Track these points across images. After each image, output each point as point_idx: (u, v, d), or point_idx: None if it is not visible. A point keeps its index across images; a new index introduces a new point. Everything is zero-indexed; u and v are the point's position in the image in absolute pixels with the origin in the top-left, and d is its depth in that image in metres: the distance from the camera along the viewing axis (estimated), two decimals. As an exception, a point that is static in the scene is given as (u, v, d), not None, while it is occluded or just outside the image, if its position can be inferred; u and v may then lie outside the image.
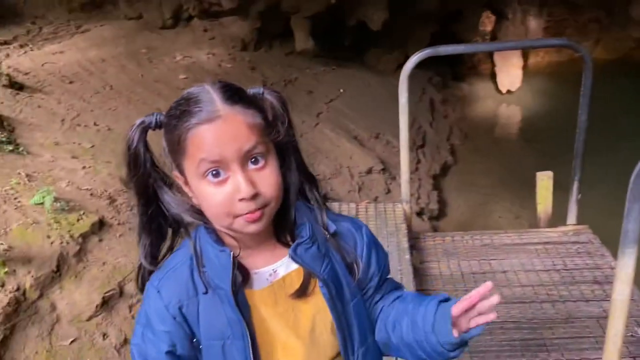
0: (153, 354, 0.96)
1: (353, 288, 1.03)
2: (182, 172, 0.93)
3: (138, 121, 0.94)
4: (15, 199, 2.65)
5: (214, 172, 0.87)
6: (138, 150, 0.93)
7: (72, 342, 2.20)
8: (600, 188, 5.04)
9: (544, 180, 3.81)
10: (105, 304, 2.38)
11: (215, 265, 0.93)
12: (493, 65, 10.05)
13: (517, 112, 9.33)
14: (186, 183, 0.94)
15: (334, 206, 3.78)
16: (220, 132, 0.85)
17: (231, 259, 0.92)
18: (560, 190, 3.84)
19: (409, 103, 3.59)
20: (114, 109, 4.56)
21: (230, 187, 0.87)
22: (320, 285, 0.97)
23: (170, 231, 1.01)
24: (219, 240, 0.95)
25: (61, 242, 2.47)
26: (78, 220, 2.67)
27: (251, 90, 0.96)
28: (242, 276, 0.95)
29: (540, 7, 9.30)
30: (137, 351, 0.98)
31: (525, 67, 10.00)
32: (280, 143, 0.95)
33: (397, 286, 1.16)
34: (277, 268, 0.99)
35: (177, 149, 0.89)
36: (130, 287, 2.52)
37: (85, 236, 2.61)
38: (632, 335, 2.75)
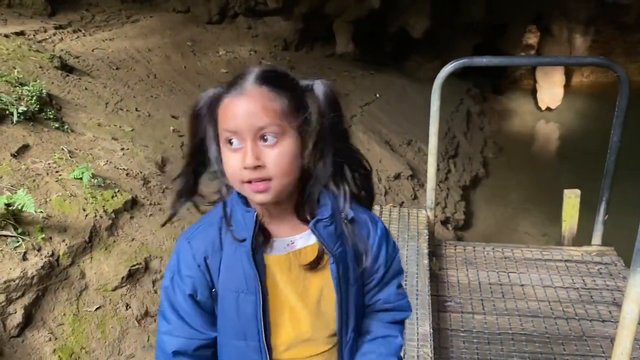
0: (179, 298, 1.09)
1: (357, 274, 1.12)
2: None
3: (206, 90, 1.07)
4: (57, 172, 2.81)
5: (231, 140, 0.99)
6: (199, 112, 1.05)
7: (97, 309, 2.33)
8: (633, 210, 4.94)
9: (571, 198, 3.79)
10: (131, 277, 2.50)
11: (241, 223, 1.05)
12: (534, 81, 9.94)
13: (555, 130, 9.20)
14: None
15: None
16: (240, 107, 0.98)
17: (254, 218, 1.03)
18: (591, 209, 3.80)
19: (444, 112, 3.63)
20: (156, 97, 4.72)
21: (241, 155, 0.98)
22: (331, 262, 1.07)
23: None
24: (247, 203, 1.06)
25: (95, 216, 2.60)
26: (112, 197, 2.81)
27: (304, 82, 1.06)
28: (263, 238, 1.07)
29: (587, 25, 9.13)
30: (165, 293, 1.11)
31: (567, 86, 9.86)
32: (314, 131, 1.02)
33: (399, 308, 1.21)
34: (295, 240, 1.09)
35: (214, 116, 1.03)
36: (155, 264, 2.65)
37: (117, 212, 2.74)
38: (645, 359, 2.72)
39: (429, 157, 3.81)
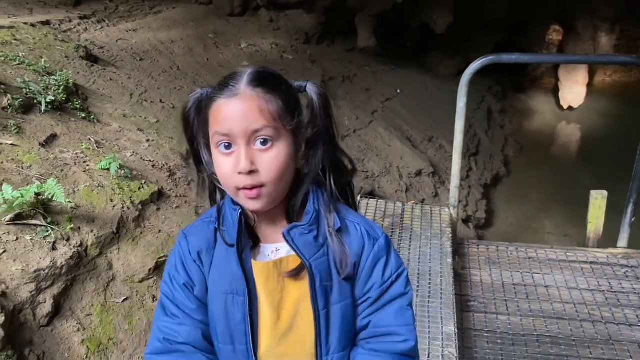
0: (177, 291, 1.05)
1: (346, 291, 1.03)
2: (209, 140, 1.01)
3: (194, 92, 1.05)
4: (85, 162, 2.82)
5: (225, 144, 0.95)
6: (189, 114, 1.03)
7: (124, 300, 2.34)
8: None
9: (598, 199, 3.72)
10: (158, 269, 2.51)
11: (230, 223, 1.02)
12: (557, 79, 9.80)
13: (577, 130, 9.08)
14: None
15: (381, 203, 3.82)
16: (233, 109, 0.94)
17: (238, 216, 0.99)
18: (614, 212, 3.74)
19: (466, 109, 3.59)
20: (179, 89, 4.74)
21: (234, 159, 0.94)
22: (308, 273, 1.00)
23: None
24: (237, 204, 1.02)
25: (122, 207, 2.61)
26: (139, 188, 2.82)
27: (296, 83, 1.03)
28: (252, 242, 1.03)
29: (613, 24, 8.96)
30: (163, 292, 1.08)
31: (590, 85, 9.70)
32: (308, 134, 1.00)
33: (395, 333, 1.07)
34: (280, 247, 1.04)
35: (205, 118, 0.99)
36: (182, 256, 2.65)
37: (144, 204, 2.75)
38: (675, 366, 2.68)
39: (453, 154, 3.77)
